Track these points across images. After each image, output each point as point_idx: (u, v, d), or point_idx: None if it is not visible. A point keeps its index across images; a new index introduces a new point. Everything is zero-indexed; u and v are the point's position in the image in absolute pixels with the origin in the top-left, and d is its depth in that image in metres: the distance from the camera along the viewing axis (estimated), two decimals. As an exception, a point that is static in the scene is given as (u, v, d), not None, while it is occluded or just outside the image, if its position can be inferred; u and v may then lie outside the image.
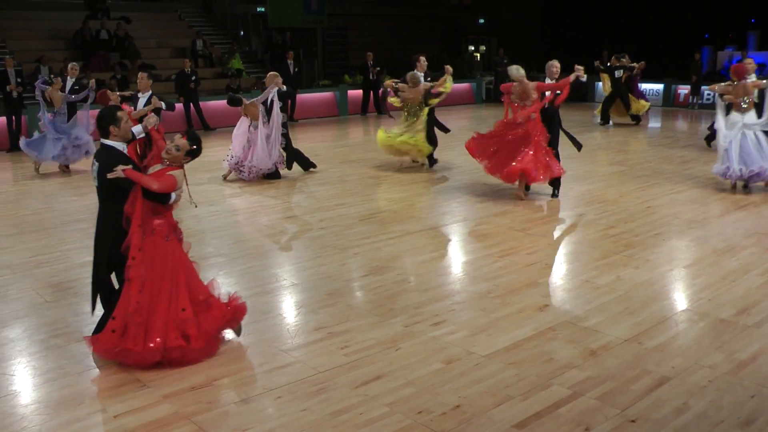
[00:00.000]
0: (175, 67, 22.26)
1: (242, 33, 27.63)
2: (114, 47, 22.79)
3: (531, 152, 10.47)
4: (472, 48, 32.87)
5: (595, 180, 12.29)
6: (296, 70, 22.57)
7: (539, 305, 6.71)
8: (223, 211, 10.71)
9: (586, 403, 4.91)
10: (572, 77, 10.51)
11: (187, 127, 20.30)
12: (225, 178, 13.03)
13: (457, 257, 8.55)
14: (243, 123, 12.92)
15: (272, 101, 12.62)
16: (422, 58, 13.81)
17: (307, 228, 9.63)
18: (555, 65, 10.81)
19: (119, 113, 5.80)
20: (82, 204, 11.43)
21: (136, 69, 22.04)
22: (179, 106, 20.02)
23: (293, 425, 4.73)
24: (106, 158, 5.61)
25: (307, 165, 13.57)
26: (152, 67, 22.55)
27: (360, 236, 9.12)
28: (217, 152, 14.17)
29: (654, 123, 18.80)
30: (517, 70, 10.78)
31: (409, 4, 32.61)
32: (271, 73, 13.46)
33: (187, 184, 5.76)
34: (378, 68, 23.90)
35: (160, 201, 5.56)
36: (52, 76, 14.71)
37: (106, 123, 5.72)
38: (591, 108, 22.82)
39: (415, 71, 13.59)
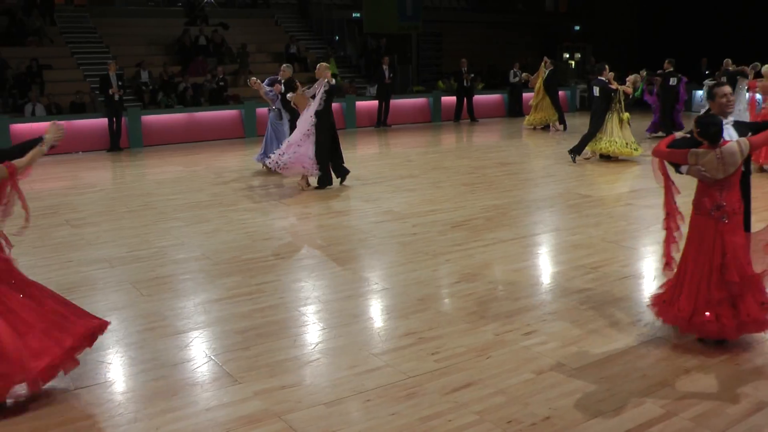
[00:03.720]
0: (271, 71, 22.60)
1: (337, 38, 27.91)
2: (211, 53, 23.31)
3: None
4: (567, 55, 32.51)
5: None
6: (391, 75, 22.68)
7: (632, 320, 6.58)
8: (316, 214, 10.84)
9: (680, 424, 4.79)
10: None
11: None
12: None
13: (549, 267, 8.46)
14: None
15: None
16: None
17: (399, 233, 9.67)
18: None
19: None
20: (179, 203, 11.74)
21: (245, 75, 22.62)
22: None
23: (382, 429, 4.76)
24: None
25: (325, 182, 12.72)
26: (250, 72, 23.05)
27: (452, 243, 9.12)
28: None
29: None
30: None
31: (504, 11, 32.42)
32: (323, 64, 13.12)
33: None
34: (472, 75, 23.84)
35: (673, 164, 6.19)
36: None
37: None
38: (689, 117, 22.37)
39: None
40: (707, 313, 5.80)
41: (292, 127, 12.70)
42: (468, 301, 7.10)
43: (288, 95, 12.49)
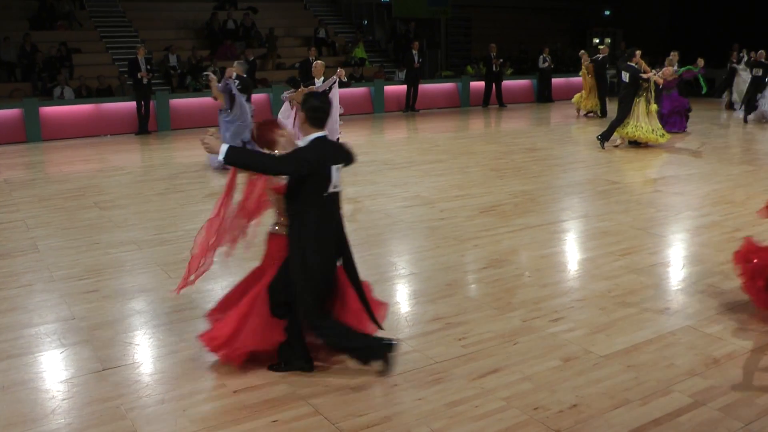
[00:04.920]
0: (300, 55, 22.65)
1: (366, 22, 27.83)
2: (240, 37, 23.33)
3: None
4: (597, 40, 32.19)
5: (722, 179, 11.88)
6: (420, 60, 22.61)
7: (660, 308, 6.54)
8: (344, 198, 10.80)
9: (708, 414, 4.75)
10: None
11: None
12: None
13: (577, 254, 8.41)
14: (287, 109, 12.59)
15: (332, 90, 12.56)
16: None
17: (426, 218, 9.65)
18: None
19: None
20: (206, 186, 11.78)
21: (273, 59, 22.62)
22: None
23: (408, 414, 4.76)
24: None
25: None
26: (278, 56, 23.11)
27: (480, 228, 9.09)
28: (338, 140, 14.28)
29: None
30: None
31: (533, -4, 32.21)
32: (319, 62, 13.45)
33: None
34: (501, 60, 23.70)
35: None
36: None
37: None
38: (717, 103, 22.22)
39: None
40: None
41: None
42: (495, 286, 7.08)
43: (287, 93, 12.41)
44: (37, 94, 19.00)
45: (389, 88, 22.71)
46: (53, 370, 5.46)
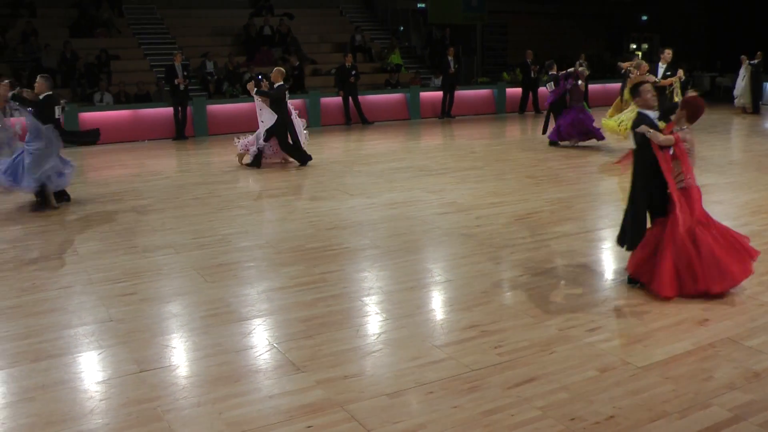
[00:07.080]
0: (335, 61, 22.72)
1: (402, 28, 27.86)
2: (276, 43, 23.45)
3: None
4: (634, 46, 31.96)
5: (762, 188, 11.71)
6: (456, 66, 22.58)
7: (699, 319, 6.43)
8: (380, 204, 10.84)
9: (748, 429, 4.65)
10: None
11: (345, 120, 20.73)
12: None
13: (613, 263, 8.28)
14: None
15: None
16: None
17: (462, 225, 9.62)
18: None
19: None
20: (243, 191, 11.86)
21: (308, 65, 22.73)
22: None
23: (443, 422, 4.74)
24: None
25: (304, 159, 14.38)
26: (313, 61, 23.18)
27: (516, 235, 9.04)
28: (374, 146, 14.36)
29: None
30: None
31: (569, 2, 32.02)
32: (278, 69, 14.64)
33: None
34: (538, 66, 23.59)
35: None
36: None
37: None
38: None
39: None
40: None
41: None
42: (532, 295, 7.03)
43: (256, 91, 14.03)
44: (77, 99, 19.24)
45: (425, 95, 22.72)
46: (91, 370, 5.52)
